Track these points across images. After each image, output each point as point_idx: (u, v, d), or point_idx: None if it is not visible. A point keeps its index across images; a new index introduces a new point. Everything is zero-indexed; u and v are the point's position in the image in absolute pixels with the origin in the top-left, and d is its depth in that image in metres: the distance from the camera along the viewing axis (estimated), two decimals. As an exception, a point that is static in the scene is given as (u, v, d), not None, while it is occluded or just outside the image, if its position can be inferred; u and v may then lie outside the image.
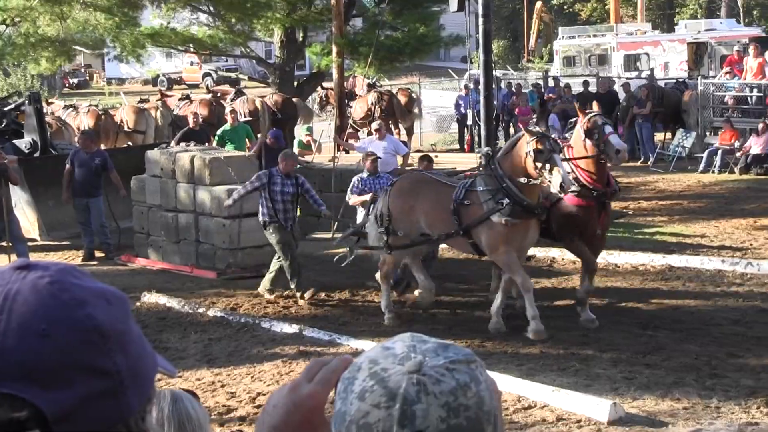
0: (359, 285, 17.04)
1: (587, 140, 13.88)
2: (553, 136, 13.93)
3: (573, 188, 13.81)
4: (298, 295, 16.07)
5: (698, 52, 42.65)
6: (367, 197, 16.05)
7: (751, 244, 19.16)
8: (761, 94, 30.93)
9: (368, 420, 1.77)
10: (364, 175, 16.77)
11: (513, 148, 13.67)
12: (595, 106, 14.57)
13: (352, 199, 16.81)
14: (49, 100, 36.45)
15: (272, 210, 15.77)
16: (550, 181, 13.19)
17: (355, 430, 1.79)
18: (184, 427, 4.32)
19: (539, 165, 13.00)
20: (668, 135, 33.33)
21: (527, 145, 13.19)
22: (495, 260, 14.10)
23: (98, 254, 20.34)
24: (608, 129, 14.11)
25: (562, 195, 13.76)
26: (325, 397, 1.94)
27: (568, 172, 13.59)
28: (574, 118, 14.77)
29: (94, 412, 1.72)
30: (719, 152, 29.07)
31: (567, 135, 14.93)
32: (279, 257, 16.13)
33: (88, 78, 78.37)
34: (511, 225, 13.31)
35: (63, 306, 1.74)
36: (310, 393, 1.94)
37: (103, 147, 25.53)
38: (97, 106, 32.87)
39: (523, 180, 13.24)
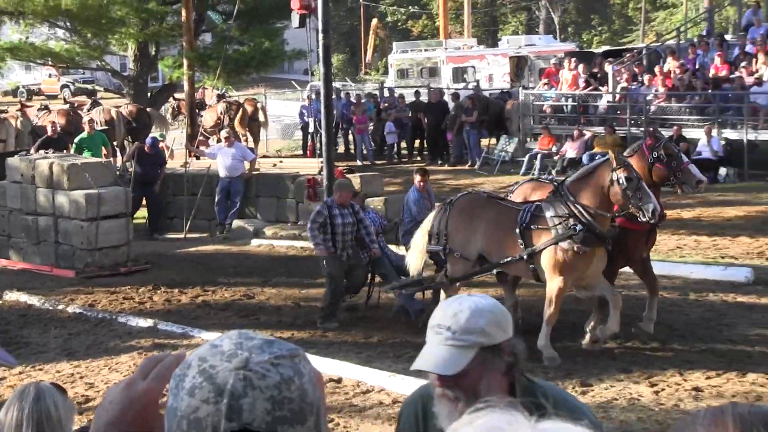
0: (209, 281, 16.93)
1: (658, 166, 12.86)
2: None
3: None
4: (317, 321, 14.28)
5: (519, 65, 43.34)
6: None
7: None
8: (575, 104, 31.57)
9: (198, 415, 1.74)
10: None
11: (590, 175, 12.19)
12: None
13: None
14: None
15: (330, 241, 14.26)
16: (640, 209, 11.75)
17: (185, 425, 1.75)
18: (43, 427, 4.19)
19: (630, 194, 11.68)
20: (493, 141, 33.85)
21: (614, 173, 11.79)
22: (549, 285, 12.34)
23: (-40, 256, 19.80)
24: (685, 158, 13.29)
25: (652, 221, 12.11)
26: (159, 393, 1.91)
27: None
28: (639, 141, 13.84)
29: None
30: (539, 156, 29.63)
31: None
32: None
33: (-53, 90, 76.11)
34: (582, 252, 11.97)
35: None
36: (144, 389, 1.90)
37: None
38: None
39: (600, 210, 11.95)
